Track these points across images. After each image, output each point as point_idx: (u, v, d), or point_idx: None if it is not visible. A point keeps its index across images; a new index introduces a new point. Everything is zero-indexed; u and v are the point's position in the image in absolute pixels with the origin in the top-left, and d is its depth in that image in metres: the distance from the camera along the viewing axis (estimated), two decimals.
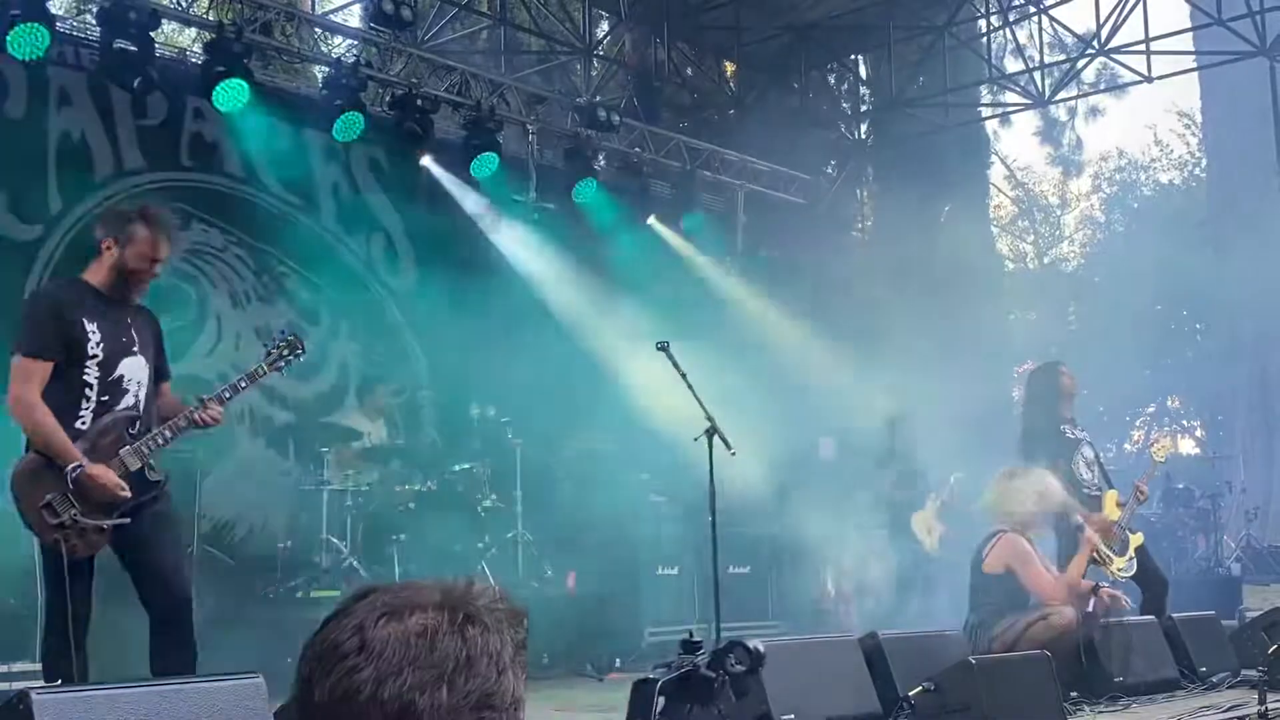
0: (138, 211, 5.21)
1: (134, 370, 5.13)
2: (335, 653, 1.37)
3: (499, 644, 1.39)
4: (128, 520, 4.96)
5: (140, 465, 5.01)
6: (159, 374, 5.35)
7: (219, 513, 9.85)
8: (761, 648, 3.41)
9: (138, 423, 5.09)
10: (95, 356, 4.98)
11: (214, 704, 4.01)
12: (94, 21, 9.85)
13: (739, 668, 3.34)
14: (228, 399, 5.34)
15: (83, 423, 4.95)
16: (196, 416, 5.19)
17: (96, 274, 5.14)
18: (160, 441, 5.09)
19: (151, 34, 9.63)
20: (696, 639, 3.26)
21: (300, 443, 10.46)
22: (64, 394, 4.92)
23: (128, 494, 4.90)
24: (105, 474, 4.85)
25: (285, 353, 5.56)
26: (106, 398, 5.01)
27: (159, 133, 10.47)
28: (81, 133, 10.08)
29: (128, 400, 5.09)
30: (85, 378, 4.96)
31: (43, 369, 4.89)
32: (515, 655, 1.41)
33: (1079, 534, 7.32)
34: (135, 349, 5.16)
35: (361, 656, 1.35)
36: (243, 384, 5.45)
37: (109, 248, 5.11)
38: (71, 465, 4.79)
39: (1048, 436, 8.05)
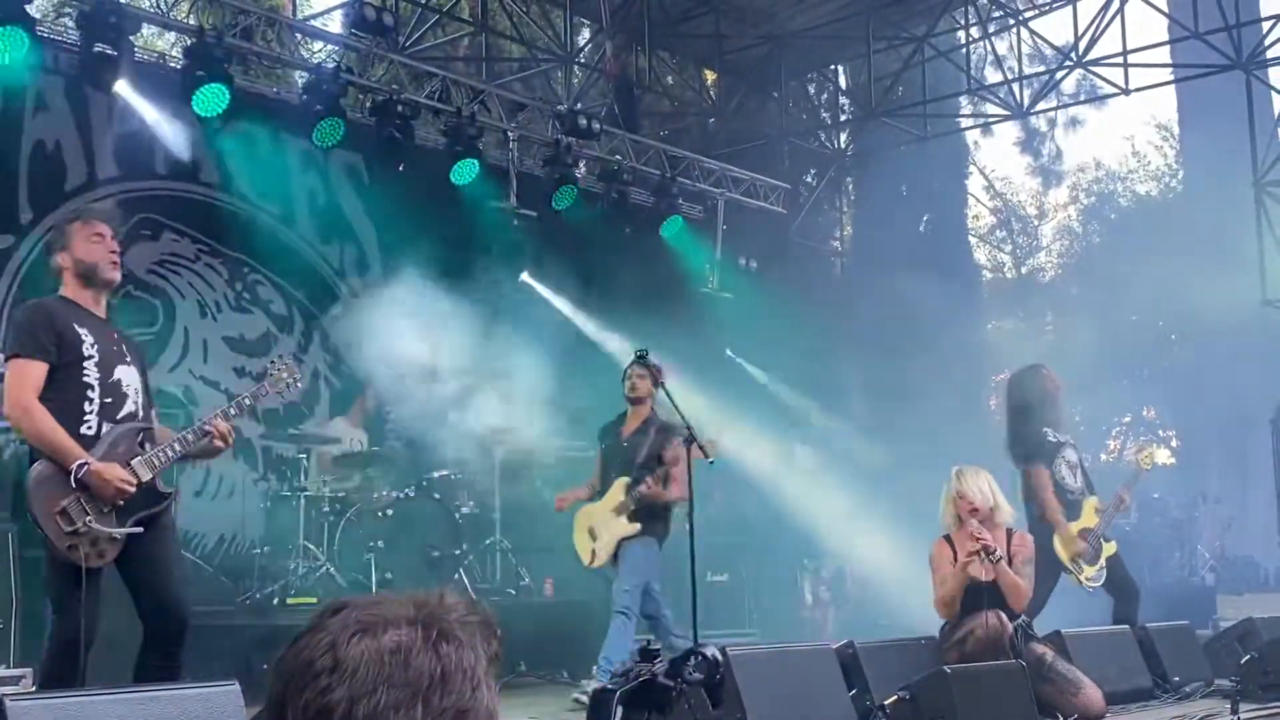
0: (66, 216, 5.30)
1: (130, 378, 5.09)
2: (308, 671, 1.35)
3: (473, 659, 1.38)
4: (140, 530, 4.92)
5: (152, 476, 4.98)
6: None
7: (192, 520, 9.81)
8: (720, 655, 3.38)
9: (143, 434, 5.06)
10: (91, 357, 4.93)
11: (190, 711, 4.00)
12: (73, 25, 9.81)
13: (697, 676, 3.32)
14: (233, 416, 5.32)
15: (88, 427, 4.88)
16: (209, 427, 5.15)
17: (69, 289, 5.11)
18: (170, 454, 5.05)
19: (131, 38, 9.61)
20: (654, 647, 3.23)
21: (271, 451, 10.44)
22: (66, 398, 4.87)
23: (133, 488, 4.85)
24: (110, 469, 4.79)
25: (285, 376, 5.55)
26: (110, 400, 4.96)
27: (134, 140, 10.38)
28: (56, 141, 10.02)
29: (129, 406, 5.05)
30: (85, 379, 4.91)
31: (38, 370, 4.83)
32: (489, 668, 1.40)
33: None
34: (127, 359, 5.13)
35: (335, 676, 1.34)
36: (247, 401, 5.46)
37: (61, 259, 5.10)
38: (77, 463, 4.74)
39: (1028, 440, 8.03)
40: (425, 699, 1.34)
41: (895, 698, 5.88)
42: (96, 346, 4.97)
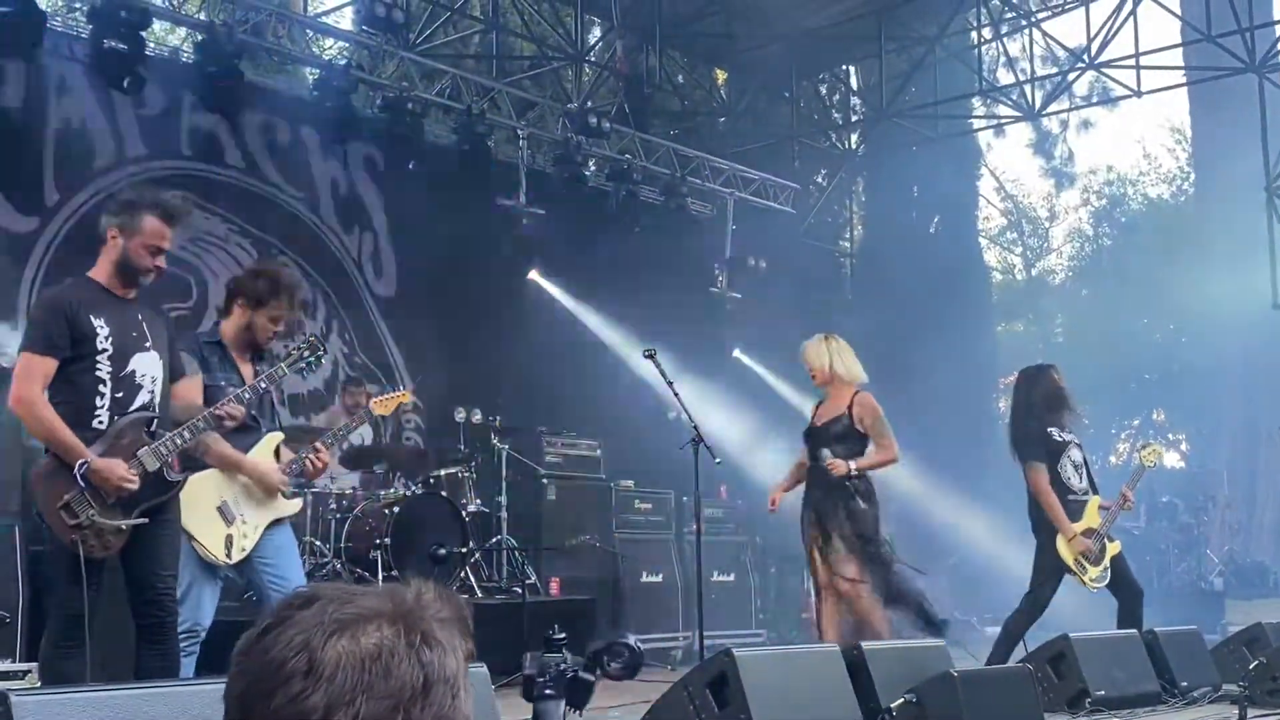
0: (149, 201, 5.01)
1: (147, 366, 5.00)
2: (279, 673, 1.25)
3: (454, 665, 1.31)
4: (146, 520, 4.88)
5: (159, 466, 4.92)
6: (172, 374, 5.21)
7: None
8: (639, 644, 3.29)
9: (154, 422, 4.98)
10: (105, 350, 4.86)
11: (194, 707, 3.99)
12: (84, 19, 9.82)
13: (616, 666, 3.24)
14: (246, 399, 5.25)
15: (100, 422, 4.82)
16: (219, 411, 5.11)
17: (101, 269, 4.99)
18: (179, 442, 4.98)
19: (142, 33, 9.61)
20: (560, 635, 3.11)
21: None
22: (78, 393, 4.81)
23: (135, 485, 4.80)
24: (111, 466, 4.74)
25: (306, 354, 5.50)
26: (121, 394, 4.89)
27: (159, 122, 10.40)
28: (82, 120, 10.01)
29: (143, 397, 4.96)
30: (98, 373, 4.84)
31: (45, 365, 4.77)
32: (466, 669, 1.33)
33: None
34: (147, 344, 5.02)
35: (310, 680, 1.24)
36: (262, 384, 5.36)
37: (114, 237, 4.95)
38: (79, 462, 4.69)
39: (1032, 440, 7.98)
40: (406, 710, 1.25)
41: (901, 700, 5.86)
42: (112, 338, 4.88)
